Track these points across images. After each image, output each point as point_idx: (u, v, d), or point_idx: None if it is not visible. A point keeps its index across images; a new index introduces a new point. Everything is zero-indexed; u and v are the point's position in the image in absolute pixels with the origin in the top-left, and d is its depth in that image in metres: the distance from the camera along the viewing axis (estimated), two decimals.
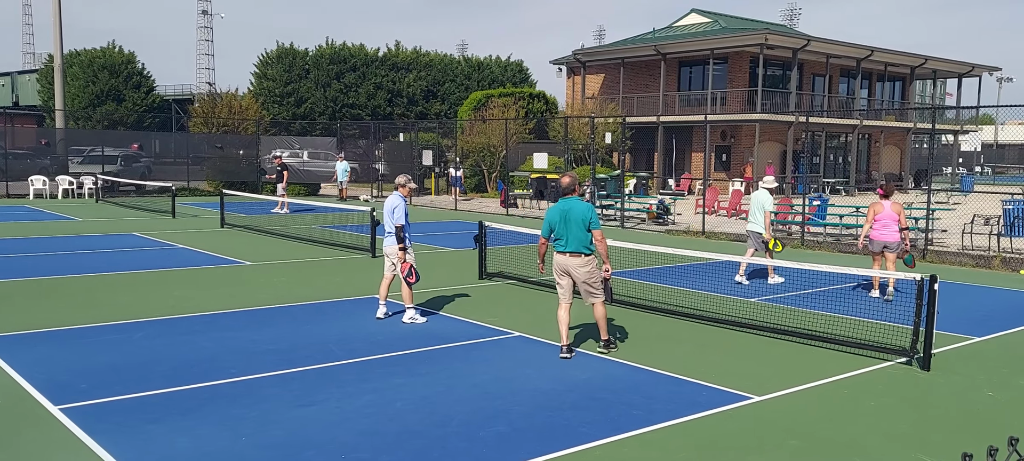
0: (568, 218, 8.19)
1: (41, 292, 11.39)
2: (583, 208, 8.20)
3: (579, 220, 8.16)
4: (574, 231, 8.17)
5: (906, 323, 9.09)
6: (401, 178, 10.03)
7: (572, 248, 8.21)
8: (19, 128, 43.65)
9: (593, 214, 8.23)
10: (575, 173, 8.33)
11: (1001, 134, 75.59)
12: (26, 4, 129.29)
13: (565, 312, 8.41)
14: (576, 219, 8.16)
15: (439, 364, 8.02)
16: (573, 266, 8.24)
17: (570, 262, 8.25)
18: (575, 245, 8.19)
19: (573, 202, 8.27)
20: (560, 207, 8.28)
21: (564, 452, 5.77)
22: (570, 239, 8.20)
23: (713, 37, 38.92)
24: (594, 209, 8.31)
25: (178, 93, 63.02)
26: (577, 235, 8.17)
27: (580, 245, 8.20)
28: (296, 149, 35.28)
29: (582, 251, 8.21)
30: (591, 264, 8.26)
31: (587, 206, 8.24)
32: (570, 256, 8.24)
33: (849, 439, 6.19)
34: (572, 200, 8.29)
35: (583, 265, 8.24)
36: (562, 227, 8.25)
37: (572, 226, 8.18)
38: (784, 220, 21.71)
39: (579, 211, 8.19)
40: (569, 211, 8.21)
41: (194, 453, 5.63)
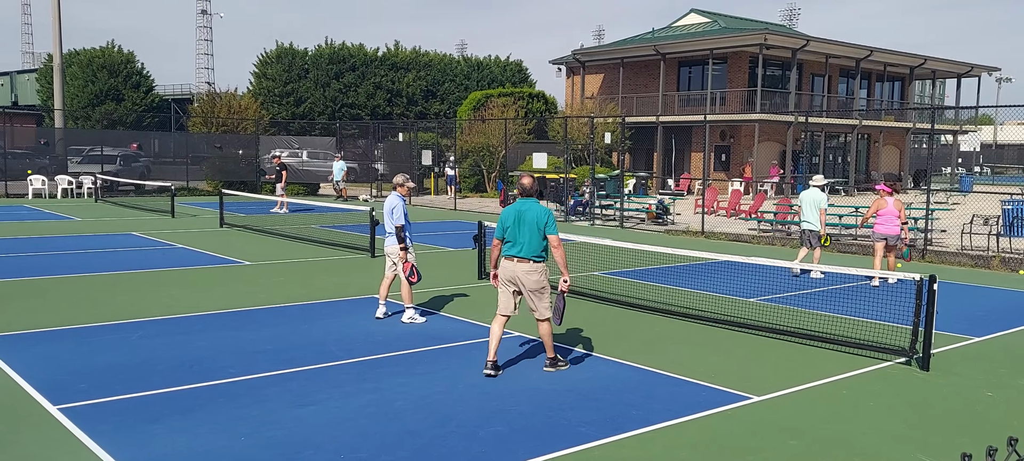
0: (522, 220, 7.56)
1: (40, 292, 11.38)
2: (539, 210, 7.58)
3: (533, 223, 7.52)
4: (526, 234, 7.52)
5: (905, 323, 9.10)
6: (399, 178, 10.02)
7: (522, 253, 7.54)
8: (18, 128, 43.62)
9: (550, 218, 7.62)
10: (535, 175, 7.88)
11: (1000, 134, 75.64)
12: (25, 4, 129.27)
13: (499, 325, 7.73)
14: (530, 221, 7.52)
15: (438, 364, 8.01)
16: (521, 273, 7.56)
17: (518, 269, 7.57)
18: (526, 250, 7.53)
19: (530, 204, 7.65)
20: (515, 208, 7.65)
21: (563, 452, 5.77)
22: (521, 243, 7.54)
23: (712, 37, 38.92)
24: (552, 214, 7.74)
25: (177, 93, 63.00)
26: (529, 239, 7.52)
27: (531, 251, 7.53)
28: (295, 149, 35.26)
29: (533, 258, 7.55)
30: (541, 273, 7.60)
31: (544, 209, 7.65)
32: (519, 261, 7.56)
33: (848, 439, 6.19)
34: (530, 202, 7.67)
35: (532, 272, 7.56)
36: (514, 229, 7.59)
37: (525, 229, 7.53)
38: (784, 220, 21.71)
39: (534, 213, 7.56)
40: (524, 213, 7.57)
41: (193, 453, 5.62)
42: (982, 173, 63.71)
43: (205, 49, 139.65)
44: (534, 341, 9.04)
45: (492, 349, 7.66)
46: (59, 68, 35.82)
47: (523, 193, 7.80)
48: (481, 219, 13.92)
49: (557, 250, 7.58)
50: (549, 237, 7.57)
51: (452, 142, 34.37)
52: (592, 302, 11.34)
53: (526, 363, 8.13)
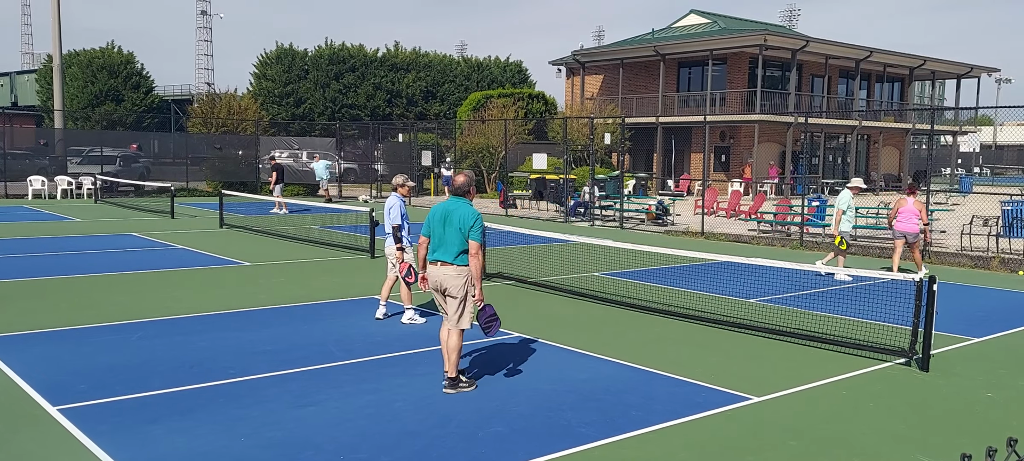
0: (447, 220, 7.04)
1: (39, 292, 11.38)
2: (466, 212, 7.03)
3: (457, 224, 6.99)
4: (449, 235, 7.02)
5: (905, 324, 9.10)
6: (399, 178, 10.02)
7: (445, 257, 7.03)
8: (18, 128, 43.62)
9: (476, 221, 7.00)
10: (470, 174, 7.41)
11: (1000, 135, 75.67)
12: (25, 4, 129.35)
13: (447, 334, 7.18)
14: (454, 222, 6.99)
15: (438, 365, 8.00)
16: (442, 277, 7.04)
17: (440, 272, 7.06)
18: (449, 253, 7.02)
19: (458, 203, 7.11)
20: (444, 206, 7.13)
21: (563, 452, 5.77)
22: (445, 245, 7.05)
23: (712, 38, 38.94)
24: (481, 218, 7.11)
25: (177, 93, 63.00)
26: (451, 241, 7.01)
27: (452, 253, 7.02)
28: (295, 149, 35.27)
29: (453, 261, 7.02)
30: (462, 278, 7.02)
31: (472, 212, 7.06)
32: (440, 265, 7.05)
33: (848, 439, 6.19)
34: (459, 202, 7.13)
35: (452, 276, 7.01)
36: (440, 230, 7.08)
37: (448, 229, 7.02)
38: (783, 221, 21.72)
39: (460, 214, 7.02)
40: (450, 212, 7.05)
41: (193, 453, 5.62)
42: (982, 174, 63.72)
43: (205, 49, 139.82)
44: (533, 341, 9.04)
45: (452, 363, 7.13)
46: (59, 69, 35.82)
47: (454, 191, 7.28)
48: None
49: (474, 258, 6.97)
50: (469, 243, 6.96)
51: (452, 143, 34.39)
52: (592, 302, 11.35)
53: (526, 364, 8.13)
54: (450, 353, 7.06)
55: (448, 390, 7.09)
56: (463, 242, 6.99)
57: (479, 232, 7.01)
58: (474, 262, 6.97)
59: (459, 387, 7.14)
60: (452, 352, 7.06)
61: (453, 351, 7.06)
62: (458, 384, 7.15)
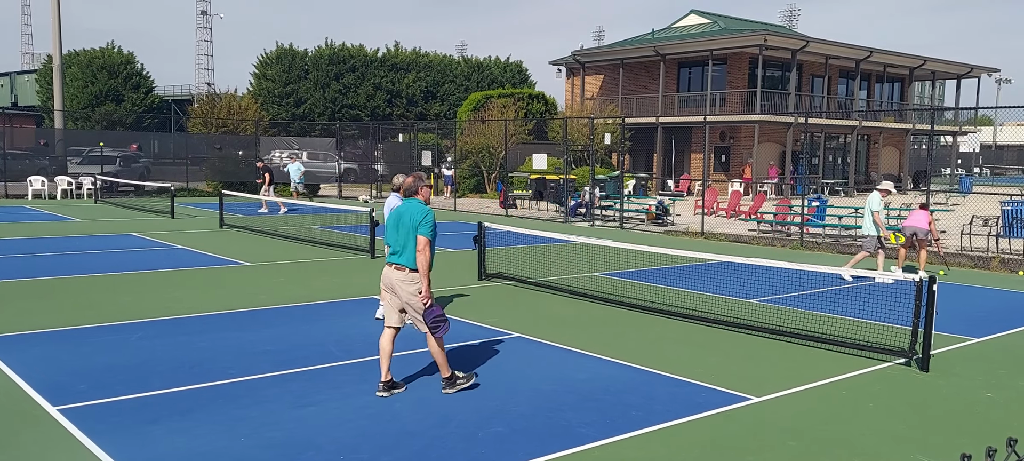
0: (400, 222, 6.90)
1: (39, 293, 11.38)
2: (416, 210, 6.86)
3: (409, 225, 6.81)
4: (404, 238, 6.85)
5: (905, 324, 9.10)
6: (399, 178, 9.99)
7: (400, 260, 6.86)
8: (18, 128, 43.62)
9: (426, 217, 6.83)
10: (421, 173, 7.20)
11: (1000, 135, 75.67)
12: (25, 4, 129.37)
13: (387, 340, 7.03)
14: (407, 224, 6.83)
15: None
16: (396, 281, 6.87)
17: (394, 276, 6.89)
18: (404, 257, 6.85)
19: (410, 204, 6.95)
20: (396, 209, 7.04)
21: (563, 453, 5.77)
22: (399, 248, 6.89)
23: (712, 38, 38.95)
24: (433, 214, 6.94)
25: (177, 93, 63.00)
26: (407, 244, 6.83)
27: (407, 257, 6.83)
28: (295, 150, 35.27)
29: (409, 265, 6.82)
30: (416, 284, 6.83)
31: (424, 208, 6.90)
32: (395, 269, 6.88)
33: (848, 440, 6.19)
34: (410, 202, 6.98)
35: (407, 281, 6.82)
36: (394, 233, 6.95)
37: (403, 232, 6.87)
38: (783, 221, 21.72)
39: (411, 214, 6.85)
40: (403, 214, 6.91)
41: (193, 453, 5.62)
42: (982, 174, 63.72)
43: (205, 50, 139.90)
44: (533, 341, 9.04)
45: (383, 368, 6.97)
46: (59, 69, 35.83)
47: (404, 192, 7.12)
48: (481, 220, 13.92)
49: (420, 254, 6.75)
50: (418, 237, 6.76)
51: (452, 143, 34.39)
52: (592, 302, 11.35)
53: (526, 364, 8.13)
54: (435, 355, 6.99)
55: (447, 390, 7.04)
56: (414, 244, 6.80)
57: (429, 227, 6.80)
58: (420, 258, 6.76)
59: (457, 384, 7.08)
60: (437, 355, 6.98)
61: (438, 354, 6.98)
62: (455, 381, 7.08)
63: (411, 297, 6.82)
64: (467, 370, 7.76)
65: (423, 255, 6.77)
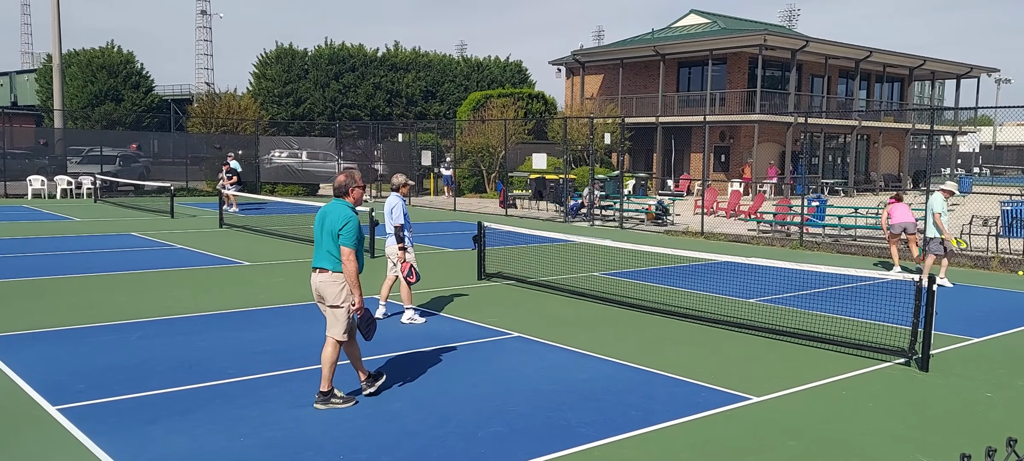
0: (323, 224, 6.64)
1: (39, 292, 11.37)
2: (339, 214, 6.57)
3: (330, 230, 6.56)
4: (326, 242, 6.60)
5: (904, 324, 9.10)
6: (399, 178, 10.01)
7: (321, 263, 6.63)
8: (17, 128, 43.61)
9: (349, 223, 6.52)
10: (354, 172, 6.93)
11: (999, 135, 75.66)
12: (25, 4, 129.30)
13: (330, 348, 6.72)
14: (329, 227, 6.58)
15: (437, 365, 8.01)
16: (319, 284, 6.64)
17: (316, 279, 6.65)
18: (325, 259, 6.61)
19: (335, 206, 6.66)
20: (322, 210, 6.75)
21: (563, 452, 5.77)
22: (319, 250, 6.67)
23: (712, 38, 38.95)
24: (355, 220, 6.61)
25: (177, 93, 62.97)
26: (326, 246, 6.60)
27: (326, 259, 6.61)
28: (295, 149, 35.26)
29: (328, 267, 6.60)
30: (339, 285, 6.59)
31: (345, 214, 6.58)
32: (318, 272, 6.65)
33: (848, 440, 6.19)
34: (337, 204, 6.68)
35: (328, 283, 6.60)
36: (318, 235, 6.69)
37: (325, 235, 6.61)
38: (783, 221, 21.72)
39: (333, 217, 6.57)
40: (326, 216, 6.64)
41: (192, 453, 5.62)
42: (981, 174, 63.72)
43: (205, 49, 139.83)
44: (532, 341, 9.03)
45: (325, 377, 6.63)
46: (58, 68, 35.81)
47: (335, 192, 6.83)
48: (480, 220, 13.92)
49: (346, 264, 6.50)
50: (341, 249, 6.50)
51: (451, 143, 34.39)
52: (592, 302, 11.34)
53: (525, 364, 8.13)
54: (324, 364, 6.60)
55: (318, 406, 6.57)
56: (336, 247, 6.53)
57: (351, 236, 6.48)
58: (347, 267, 6.48)
59: (331, 402, 6.59)
60: (325, 364, 6.59)
61: (326, 364, 6.59)
62: (330, 399, 6.60)
63: (334, 293, 6.57)
64: (467, 370, 7.76)
65: (349, 265, 6.48)
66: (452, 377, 7.57)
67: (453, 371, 7.78)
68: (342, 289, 6.58)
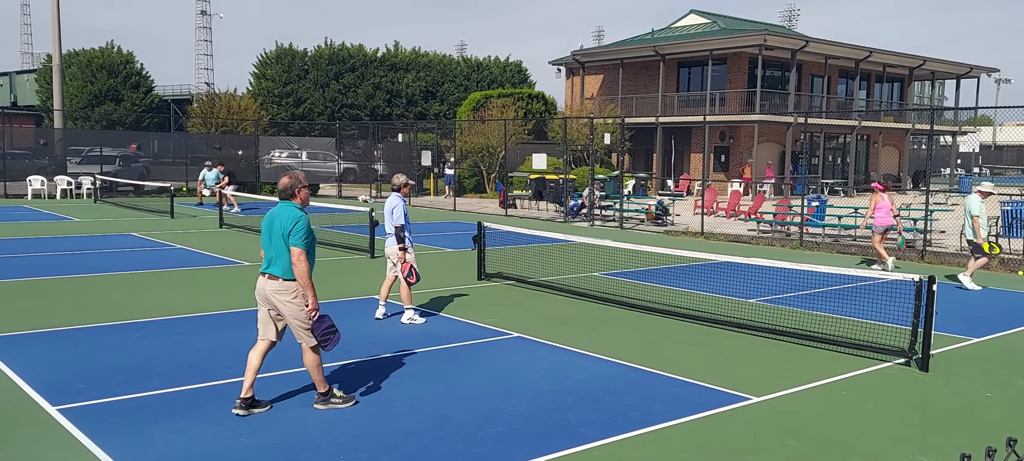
0: (272, 228, 6.41)
1: (39, 292, 11.37)
2: (288, 216, 6.35)
3: (280, 232, 6.33)
4: (276, 247, 6.37)
5: (904, 324, 9.10)
6: (400, 178, 10.01)
7: (272, 269, 6.39)
8: (17, 128, 43.61)
9: (298, 224, 6.31)
10: (299, 173, 6.69)
11: (999, 135, 75.67)
12: (24, 4, 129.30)
13: (257, 354, 6.52)
14: (278, 231, 6.35)
15: (437, 365, 8.01)
16: (271, 292, 6.39)
17: (268, 287, 6.40)
18: (276, 265, 6.38)
19: (283, 208, 6.43)
20: (269, 214, 6.51)
21: (563, 452, 5.77)
22: (271, 256, 6.42)
23: (712, 38, 38.96)
24: (305, 220, 6.39)
25: (177, 93, 62.99)
26: (279, 252, 6.35)
27: (276, 264, 6.37)
28: (295, 149, 35.28)
29: (279, 273, 6.36)
30: (293, 293, 6.37)
31: (294, 214, 6.36)
32: (268, 278, 6.40)
33: (848, 440, 6.19)
34: (285, 206, 6.45)
35: (281, 292, 6.36)
36: (266, 238, 6.47)
37: (274, 239, 6.38)
38: (783, 221, 21.72)
39: (282, 220, 6.35)
40: (274, 219, 6.42)
41: (192, 453, 5.62)
42: (981, 174, 63.71)
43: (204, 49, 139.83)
44: (532, 341, 9.03)
45: (246, 382, 6.42)
46: (58, 68, 35.82)
47: (280, 194, 6.56)
48: (480, 220, 13.92)
49: (296, 265, 6.29)
50: (291, 249, 6.29)
51: (452, 143, 34.40)
52: (592, 302, 11.35)
53: (526, 364, 8.13)
54: (311, 370, 6.51)
55: (318, 406, 6.56)
56: (288, 251, 6.31)
57: (301, 236, 6.29)
58: (297, 269, 6.28)
59: (331, 402, 6.57)
60: (312, 370, 6.50)
61: (312, 369, 6.49)
62: (330, 398, 6.58)
63: (292, 309, 6.36)
64: (467, 370, 7.76)
65: (299, 265, 6.28)
66: (452, 377, 7.57)
67: (453, 371, 7.78)
68: (295, 297, 6.36)
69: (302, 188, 6.55)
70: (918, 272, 8.91)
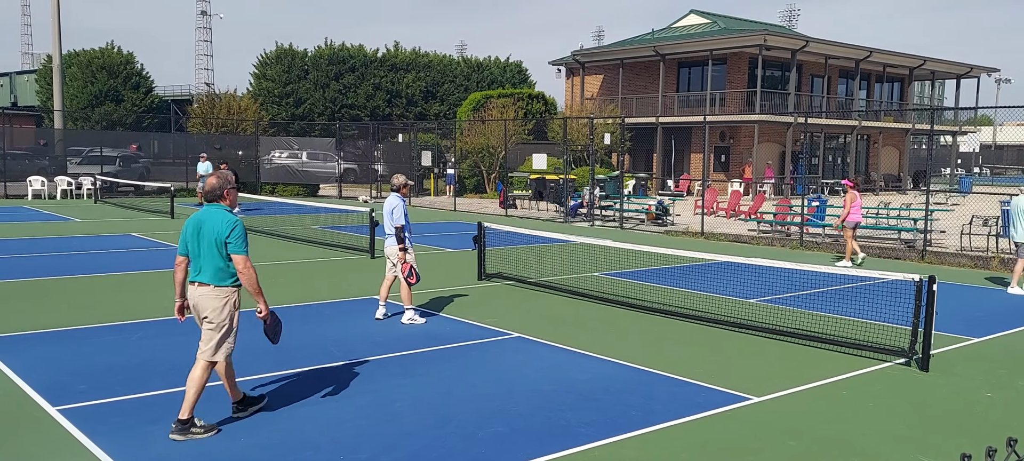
0: (200, 234, 5.99)
1: (39, 293, 11.38)
2: (220, 221, 5.97)
3: (211, 237, 5.95)
4: (206, 252, 5.97)
5: (905, 324, 9.10)
6: (399, 178, 10.00)
7: (202, 277, 5.99)
8: (18, 128, 43.61)
9: (235, 230, 5.96)
10: (226, 173, 6.34)
11: (999, 135, 75.67)
12: (25, 4, 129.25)
13: (201, 371, 6.06)
14: (209, 236, 5.95)
15: (438, 365, 8.01)
16: (199, 300, 6.01)
17: (197, 294, 6.02)
18: (206, 273, 5.98)
19: (212, 211, 6.05)
20: (195, 217, 6.09)
21: (563, 453, 5.77)
22: (198, 262, 6.02)
23: (712, 38, 38.95)
24: (241, 224, 6.04)
25: (177, 93, 62.99)
26: (209, 258, 5.97)
27: (213, 274, 5.98)
28: (294, 150, 35.28)
29: (209, 280, 5.99)
30: (223, 300, 6.01)
31: (228, 219, 5.99)
32: (198, 287, 6.01)
33: (848, 440, 6.19)
34: (212, 208, 6.07)
35: (210, 298, 5.98)
36: (194, 244, 6.03)
37: (204, 245, 5.98)
38: (783, 221, 21.71)
39: (214, 225, 5.96)
40: (202, 224, 6.00)
41: (192, 453, 5.62)
42: (981, 174, 63.72)
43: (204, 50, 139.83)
44: (532, 341, 9.03)
45: (187, 402, 5.92)
46: (58, 69, 35.82)
47: (206, 196, 6.17)
48: (480, 220, 13.92)
49: (243, 274, 5.99)
50: (233, 258, 5.97)
51: (452, 143, 34.41)
52: (592, 302, 11.35)
53: (526, 364, 8.13)
54: (189, 386, 5.94)
55: (175, 436, 5.84)
56: (221, 257, 5.95)
57: (243, 242, 5.98)
58: (245, 278, 5.99)
59: (190, 433, 5.88)
60: (191, 386, 5.94)
61: (193, 384, 5.94)
62: (189, 429, 5.89)
63: (216, 313, 5.99)
64: (467, 370, 7.76)
65: (248, 273, 5.97)
66: (452, 377, 7.57)
67: (453, 371, 7.78)
68: (226, 305, 6.00)
69: (231, 189, 6.16)
70: (918, 272, 8.91)
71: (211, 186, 6.11)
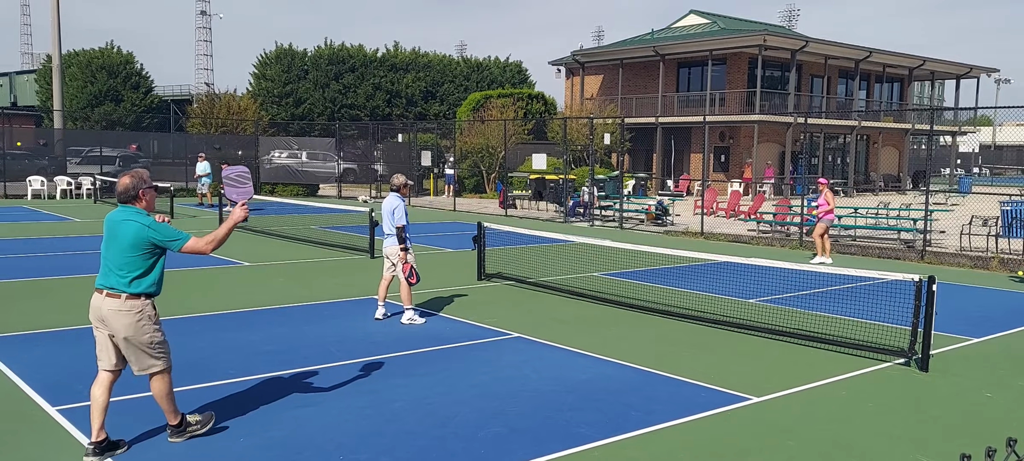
0: (114, 236, 5.44)
1: (39, 293, 11.37)
2: (140, 224, 5.41)
3: (130, 244, 5.38)
4: (119, 256, 5.39)
5: (904, 324, 9.10)
6: (399, 178, 10.01)
7: (109, 283, 5.39)
8: (17, 128, 43.61)
9: (162, 229, 5.46)
10: (141, 171, 5.63)
11: (999, 135, 75.72)
12: (24, 4, 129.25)
13: (101, 387, 5.46)
14: (125, 242, 5.38)
15: (438, 365, 8.01)
16: (109, 311, 5.35)
17: (102, 305, 5.38)
18: (114, 279, 5.38)
19: (126, 213, 5.46)
20: (109, 218, 5.58)
21: (563, 453, 5.77)
22: (108, 269, 5.44)
23: (712, 38, 38.96)
24: (166, 226, 5.52)
25: (176, 93, 63.00)
26: (121, 262, 5.38)
27: (113, 276, 5.38)
28: (294, 150, 35.28)
29: (118, 287, 5.37)
30: (135, 315, 5.37)
31: (148, 221, 5.45)
32: (105, 295, 5.38)
33: (847, 440, 6.19)
34: (127, 211, 5.47)
35: (121, 314, 5.34)
36: (105, 248, 5.52)
37: (114, 250, 5.42)
38: (783, 221, 21.72)
39: (132, 230, 5.38)
40: (117, 226, 5.45)
41: (192, 453, 5.62)
42: (981, 174, 63.74)
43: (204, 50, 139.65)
44: (532, 341, 9.04)
45: (95, 424, 5.39)
46: (58, 69, 35.83)
47: (119, 198, 5.54)
48: (480, 220, 13.93)
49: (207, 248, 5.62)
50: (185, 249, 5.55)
51: (451, 143, 34.42)
52: (592, 302, 11.35)
53: (526, 364, 8.13)
54: (158, 400, 5.60)
55: (174, 439, 5.70)
56: (135, 263, 5.38)
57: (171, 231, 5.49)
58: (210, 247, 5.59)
59: (189, 432, 5.76)
60: (161, 400, 5.58)
61: (162, 399, 5.58)
62: (184, 430, 5.75)
63: (136, 331, 5.37)
64: (467, 370, 7.76)
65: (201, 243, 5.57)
66: (452, 377, 7.57)
67: (453, 371, 7.78)
68: (140, 321, 5.36)
69: (147, 189, 5.53)
70: (918, 272, 8.92)
71: (124, 186, 5.45)
